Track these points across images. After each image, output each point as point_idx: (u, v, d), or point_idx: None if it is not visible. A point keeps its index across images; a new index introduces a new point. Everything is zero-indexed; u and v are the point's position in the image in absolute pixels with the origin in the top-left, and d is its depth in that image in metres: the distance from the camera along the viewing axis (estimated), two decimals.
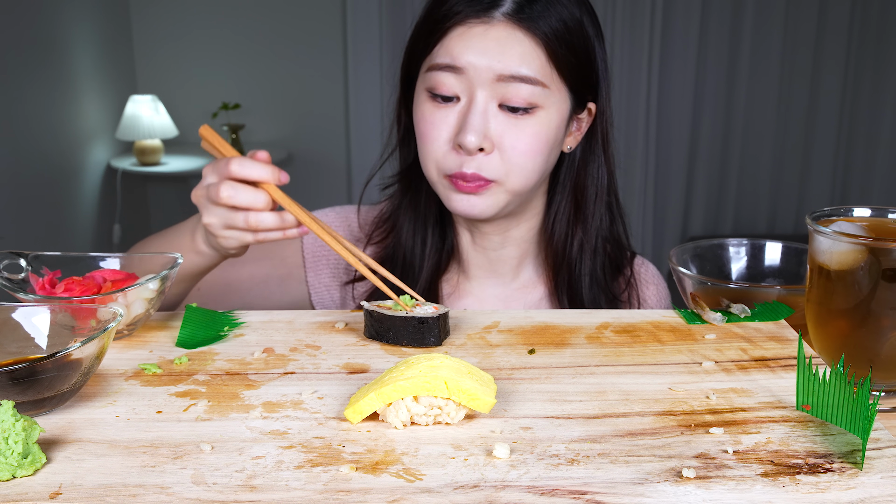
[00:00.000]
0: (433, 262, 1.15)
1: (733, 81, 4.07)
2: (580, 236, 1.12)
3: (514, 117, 1.00)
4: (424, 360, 0.65)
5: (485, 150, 1.00)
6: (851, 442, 0.62)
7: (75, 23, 3.49)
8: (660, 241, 4.24)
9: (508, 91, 0.99)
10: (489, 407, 0.64)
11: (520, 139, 1.00)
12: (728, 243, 1.04)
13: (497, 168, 1.01)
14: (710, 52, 4.03)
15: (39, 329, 0.71)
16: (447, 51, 1.01)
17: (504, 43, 0.99)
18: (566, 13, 1.01)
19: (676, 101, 4.07)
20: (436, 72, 1.02)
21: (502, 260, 1.16)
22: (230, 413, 0.66)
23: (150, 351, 0.79)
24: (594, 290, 1.13)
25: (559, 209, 1.13)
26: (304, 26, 4.05)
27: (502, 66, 0.98)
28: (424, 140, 1.04)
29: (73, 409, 0.66)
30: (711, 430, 0.63)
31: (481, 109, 1.00)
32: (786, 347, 0.80)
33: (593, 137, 1.11)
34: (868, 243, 0.73)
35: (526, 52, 0.99)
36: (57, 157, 3.39)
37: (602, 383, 0.72)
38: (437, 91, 1.02)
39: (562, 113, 1.04)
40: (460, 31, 1.01)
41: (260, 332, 0.83)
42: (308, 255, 1.20)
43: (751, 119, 4.13)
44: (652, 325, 0.85)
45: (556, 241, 1.13)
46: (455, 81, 1.01)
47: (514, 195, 1.04)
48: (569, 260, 1.13)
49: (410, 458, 0.59)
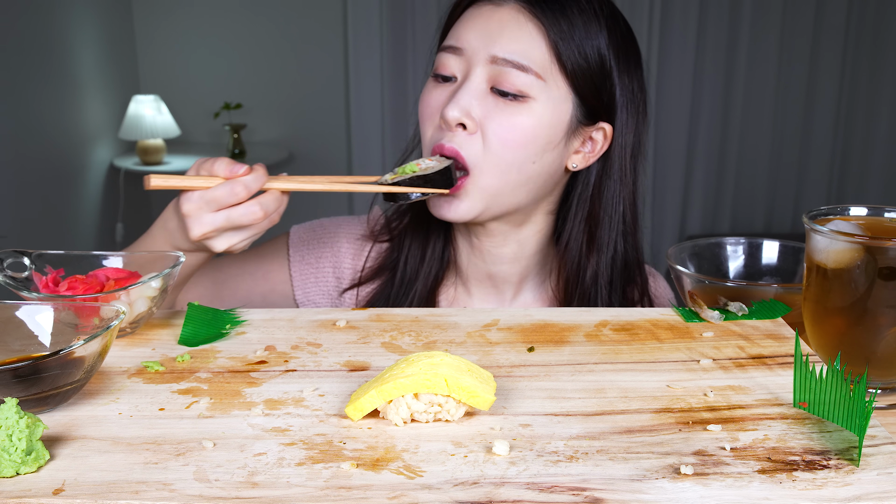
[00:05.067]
0: (433, 270, 1.12)
1: (730, 80, 4.07)
2: (594, 266, 1.08)
3: (504, 102, 0.98)
4: (425, 358, 0.65)
5: (467, 128, 0.98)
6: (848, 439, 0.62)
7: (78, 23, 3.49)
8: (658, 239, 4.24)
9: (502, 74, 0.97)
10: (489, 404, 0.64)
11: (503, 126, 0.97)
12: (726, 242, 1.04)
13: (476, 152, 0.98)
14: (708, 52, 4.03)
15: (43, 327, 0.71)
16: (454, 33, 1.01)
17: (506, 26, 0.98)
18: (586, 18, 0.99)
19: (674, 100, 4.06)
20: (441, 53, 1.02)
21: (502, 276, 1.12)
22: (232, 410, 0.66)
23: (152, 349, 0.79)
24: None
25: (571, 235, 1.08)
26: (306, 26, 4.05)
27: (498, 48, 0.97)
28: (421, 119, 1.04)
29: (76, 407, 0.66)
30: (709, 428, 0.63)
31: (472, 87, 0.98)
32: (783, 345, 0.80)
33: (610, 163, 1.06)
34: (864, 242, 0.73)
35: (526, 38, 0.97)
36: (60, 157, 3.39)
37: (601, 381, 0.72)
38: (438, 72, 1.02)
39: (558, 113, 1.00)
40: (470, 12, 1.01)
41: (261, 329, 0.83)
42: (295, 273, 1.17)
43: (748, 118, 4.13)
44: (650, 323, 0.85)
45: (570, 269, 1.09)
46: (455, 61, 1.00)
47: (485, 193, 1.00)
48: (582, 287, 1.08)
49: (411, 454, 0.59)
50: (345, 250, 1.17)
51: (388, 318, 0.86)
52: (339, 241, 1.18)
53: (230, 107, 3.95)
